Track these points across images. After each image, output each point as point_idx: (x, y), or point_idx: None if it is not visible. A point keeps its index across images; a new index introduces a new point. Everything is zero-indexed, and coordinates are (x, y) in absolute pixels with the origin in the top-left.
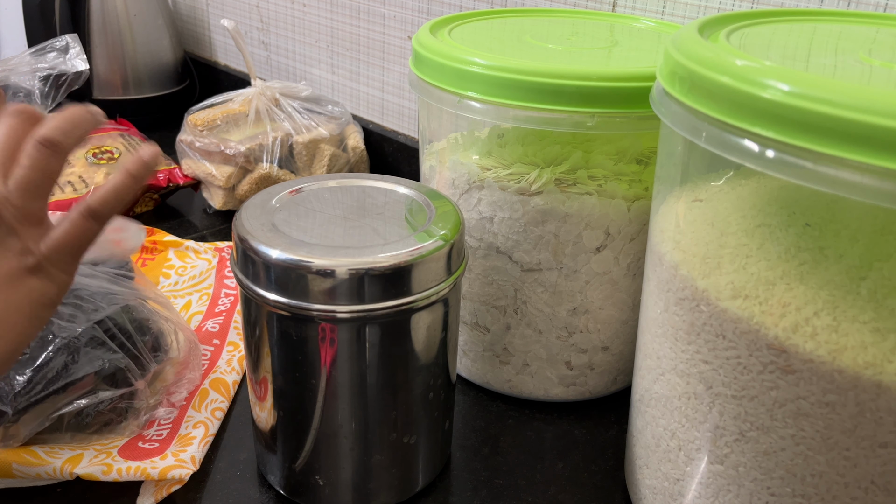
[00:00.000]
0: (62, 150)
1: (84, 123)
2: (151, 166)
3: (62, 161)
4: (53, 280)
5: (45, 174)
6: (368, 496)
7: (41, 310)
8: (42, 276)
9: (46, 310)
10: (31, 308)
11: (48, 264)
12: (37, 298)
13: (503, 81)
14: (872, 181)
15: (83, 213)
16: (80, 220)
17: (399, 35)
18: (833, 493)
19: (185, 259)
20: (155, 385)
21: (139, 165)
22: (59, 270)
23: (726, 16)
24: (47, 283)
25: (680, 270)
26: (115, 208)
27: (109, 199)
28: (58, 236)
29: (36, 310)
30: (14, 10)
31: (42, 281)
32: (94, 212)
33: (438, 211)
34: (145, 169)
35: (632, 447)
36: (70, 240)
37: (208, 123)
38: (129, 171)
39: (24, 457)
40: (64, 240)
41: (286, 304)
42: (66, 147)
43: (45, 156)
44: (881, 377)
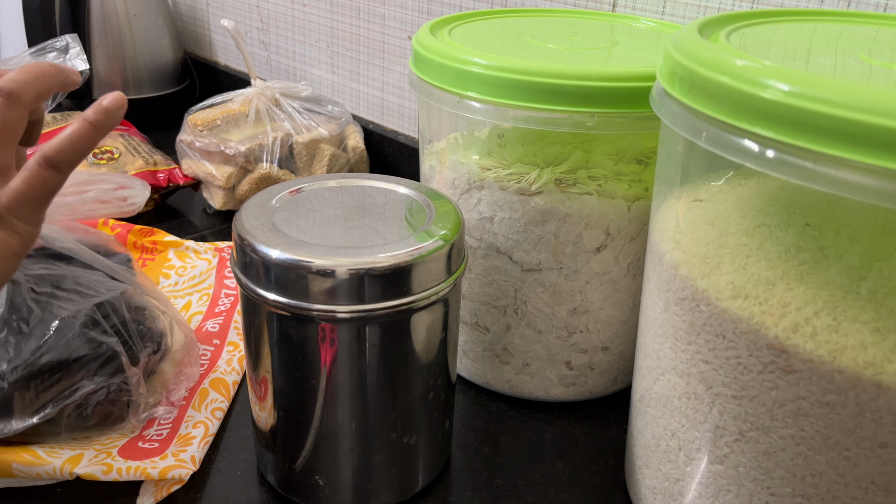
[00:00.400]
0: (19, 100)
1: (44, 76)
2: (113, 113)
3: (21, 111)
4: (16, 230)
5: (4, 124)
6: (368, 496)
7: (4, 262)
8: (4, 227)
9: (9, 261)
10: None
11: (9, 215)
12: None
13: (503, 81)
14: (872, 181)
15: (40, 162)
16: (38, 170)
17: (399, 35)
18: (833, 493)
19: (185, 259)
20: (154, 383)
21: (99, 112)
22: (22, 221)
23: (726, 16)
24: (10, 234)
25: (680, 270)
26: (74, 157)
27: (66, 148)
28: (16, 186)
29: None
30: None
31: (4, 232)
32: (50, 160)
33: (438, 211)
34: (105, 116)
35: (632, 447)
36: (29, 190)
37: (208, 123)
38: (87, 119)
39: (24, 456)
40: (23, 189)
41: (286, 304)
42: (24, 97)
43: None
44: (881, 377)
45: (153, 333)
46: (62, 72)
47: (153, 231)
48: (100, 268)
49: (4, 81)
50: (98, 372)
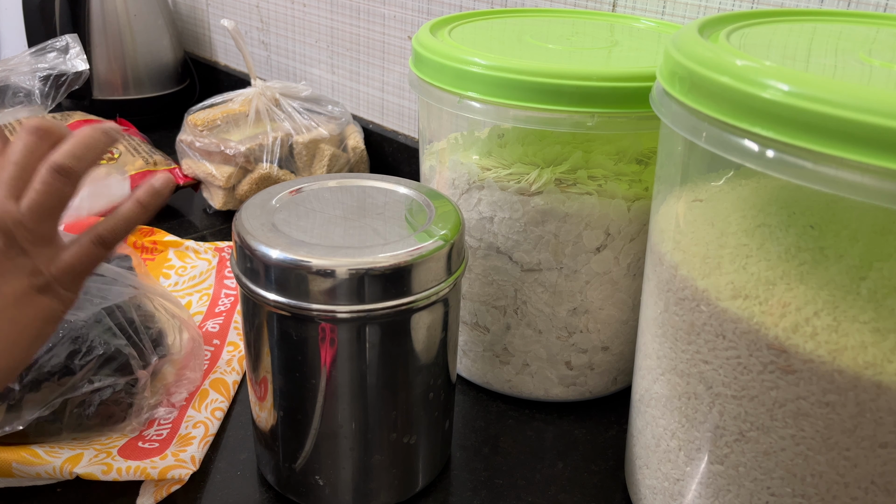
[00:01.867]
0: (76, 176)
1: (99, 146)
2: (162, 195)
3: (75, 186)
4: (61, 298)
5: (58, 199)
6: (368, 496)
7: (47, 326)
8: (50, 294)
9: (52, 326)
10: (38, 325)
11: (57, 284)
12: (44, 316)
13: (503, 81)
14: (872, 181)
15: (93, 240)
16: (89, 246)
17: (399, 35)
18: (833, 493)
19: (185, 259)
20: (155, 384)
21: (150, 195)
22: (67, 290)
23: (726, 16)
24: (55, 302)
25: (680, 270)
26: (124, 236)
27: (119, 228)
28: (68, 260)
29: (43, 326)
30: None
31: (50, 299)
32: (103, 239)
33: (438, 211)
34: (156, 198)
35: (632, 447)
36: (80, 264)
37: (208, 123)
38: (139, 201)
39: (24, 456)
40: (73, 263)
41: (286, 304)
42: (80, 172)
43: (58, 181)
44: (881, 377)
45: (160, 339)
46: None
47: (153, 231)
48: (107, 274)
49: (64, 158)
50: (104, 372)
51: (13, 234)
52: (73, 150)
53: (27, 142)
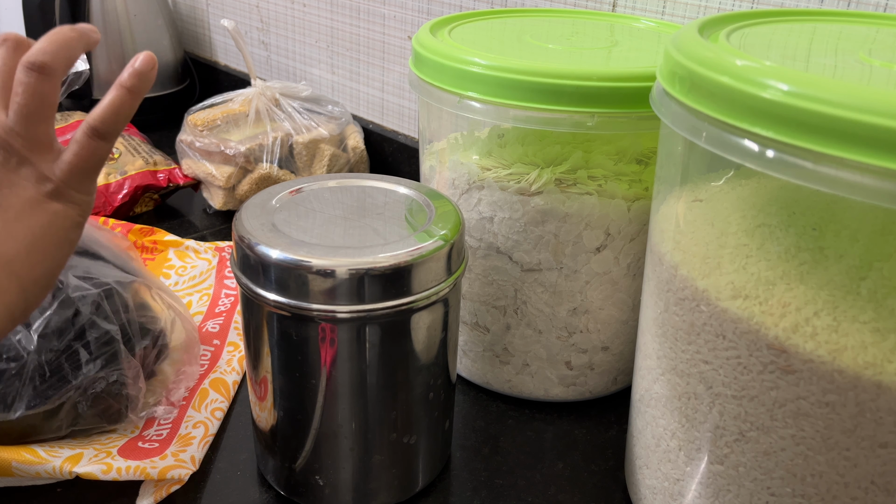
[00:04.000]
0: (52, 72)
1: (71, 41)
2: (147, 75)
3: (55, 82)
4: (75, 201)
5: (41, 98)
6: (368, 496)
7: (69, 231)
8: (63, 199)
9: (73, 231)
10: (58, 231)
11: (66, 187)
12: (62, 222)
13: (503, 81)
14: (872, 181)
15: (88, 133)
16: (86, 141)
17: (399, 35)
18: (833, 493)
19: (185, 259)
20: (154, 384)
21: (133, 76)
22: (78, 192)
23: (726, 16)
24: (69, 205)
25: (680, 270)
26: (118, 124)
27: (109, 116)
28: (69, 159)
29: (63, 232)
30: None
31: (64, 204)
32: (97, 130)
33: (438, 211)
34: (140, 80)
35: (632, 447)
36: (81, 161)
37: (208, 123)
38: (123, 85)
39: (23, 455)
40: (75, 161)
41: (286, 304)
42: (56, 67)
43: (36, 80)
44: (881, 377)
45: (152, 330)
46: (83, 34)
47: (153, 230)
48: (110, 258)
49: (36, 55)
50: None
51: (8, 143)
52: (44, 47)
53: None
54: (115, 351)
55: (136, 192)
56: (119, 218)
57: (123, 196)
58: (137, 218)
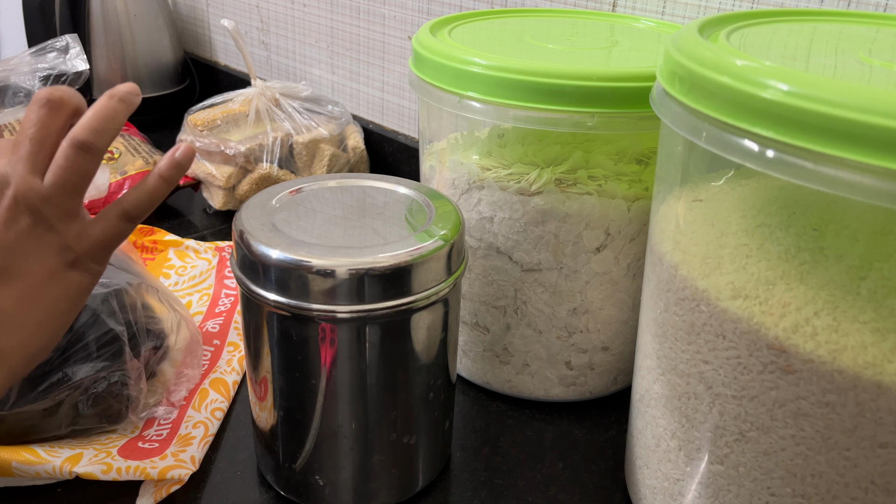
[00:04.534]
0: (98, 151)
1: (118, 117)
2: (183, 167)
3: (98, 160)
4: (89, 272)
5: (82, 174)
6: (368, 496)
7: (79, 300)
8: (79, 269)
9: (83, 299)
10: (70, 300)
11: (85, 258)
12: (75, 290)
13: (503, 81)
14: (872, 181)
15: (119, 216)
16: (116, 222)
17: (399, 35)
18: (833, 493)
19: (185, 259)
20: (154, 384)
21: (171, 167)
22: (96, 263)
23: (726, 16)
24: (84, 275)
25: (680, 270)
26: (149, 210)
27: (143, 202)
28: (97, 235)
29: (74, 301)
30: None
31: (80, 273)
32: (129, 214)
33: (438, 211)
34: (177, 170)
35: (632, 447)
36: (107, 240)
37: (208, 123)
38: (161, 175)
39: (23, 455)
40: (102, 239)
41: (286, 304)
42: (102, 146)
43: (82, 157)
44: (881, 377)
45: (157, 332)
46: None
47: (153, 230)
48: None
49: (85, 134)
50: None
51: (40, 211)
52: (93, 125)
53: (40, 116)
54: (118, 350)
55: None
56: None
57: None
58: None
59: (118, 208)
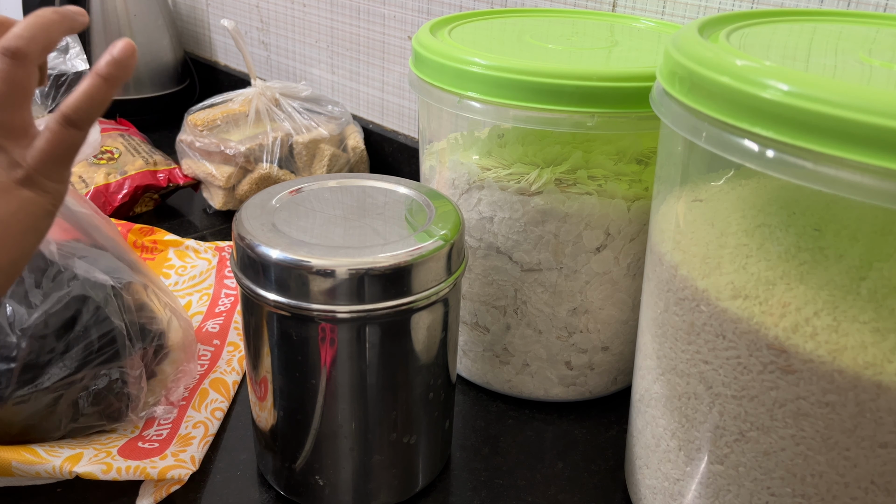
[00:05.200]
0: (26, 57)
1: (51, 24)
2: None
3: (29, 68)
4: (46, 189)
5: (14, 84)
6: (368, 496)
7: (38, 220)
8: (34, 187)
9: (43, 220)
10: (27, 218)
11: (37, 175)
12: (32, 209)
13: (503, 81)
14: (872, 181)
15: (60, 122)
16: (58, 129)
17: (399, 35)
18: (833, 493)
19: (185, 259)
20: (154, 385)
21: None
22: (50, 180)
23: (726, 16)
24: (40, 194)
25: (680, 270)
26: (92, 113)
27: (83, 105)
28: (40, 146)
29: (33, 220)
30: (14, 10)
31: (35, 192)
32: (69, 118)
33: (438, 211)
34: (117, 68)
35: (632, 447)
36: (53, 149)
37: (208, 123)
38: (99, 73)
39: (23, 455)
40: (47, 149)
41: (286, 304)
42: (31, 53)
43: (10, 66)
44: (881, 377)
45: (157, 331)
46: (66, 17)
47: (153, 230)
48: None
49: (9, 39)
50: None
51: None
52: (20, 32)
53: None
54: (119, 348)
55: (136, 192)
56: (119, 218)
57: (123, 196)
58: (137, 218)
59: (58, 114)
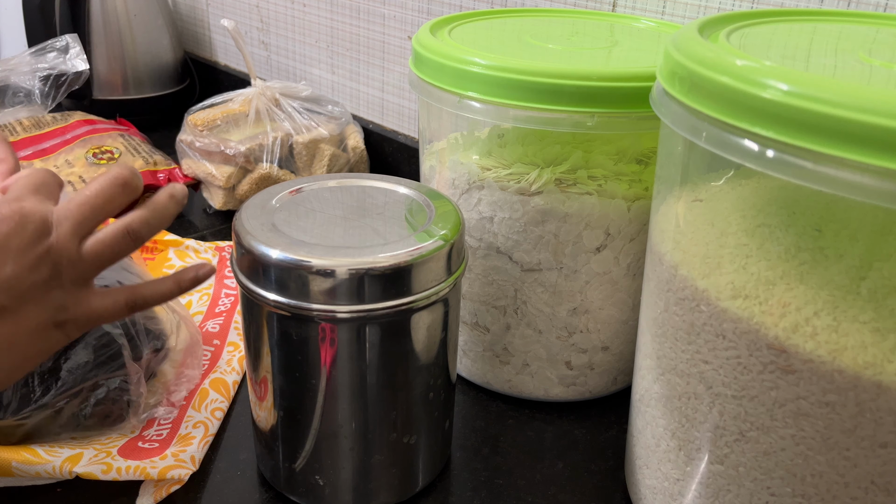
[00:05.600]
0: (141, 243)
1: (169, 216)
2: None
3: (135, 249)
4: (68, 335)
5: (118, 256)
6: (368, 496)
7: (46, 355)
8: (62, 330)
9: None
10: (41, 354)
11: (72, 324)
12: (50, 346)
13: (503, 81)
14: (872, 181)
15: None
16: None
17: (399, 35)
18: (833, 493)
19: (185, 259)
20: (154, 384)
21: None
22: (77, 329)
23: (726, 16)
24: (62, 336)
25: (680, 270)
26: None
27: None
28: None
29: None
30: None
31: (62, 334)
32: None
33: (438, 211)
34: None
35: (632, 447)
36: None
37: (208, 123)
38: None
39: (23, 455)
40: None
41: (286, 304)
42: (147, 239)
43: (127, 243)
44: (881, 377)
45: (157, 333)
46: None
47: None
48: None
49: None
50: (100, 364)
51: (62, 270)
52: (148, 218)
53: (112, 192)
54: (117, 355)
55: None
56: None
57: None
58: None
59: (131, 295)
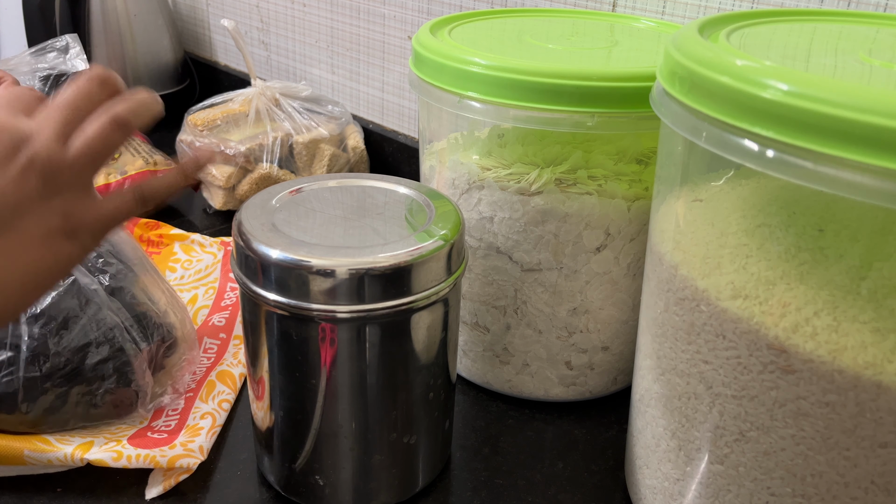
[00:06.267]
0: (130, 131)
1: (152, 111)
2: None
3: (125, 140)
4: (83, 245)
5: (110, 149)
6: (368, 496)
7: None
8: (75, 240)
9: (67, 269)
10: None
11: (85, 231)
12: (63, 260)
13: (503, 81)
14: (872, 181)
15: (136, 198)
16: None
17: (399, 35)
18: (833, 493)
19: (190, 253)
20: (161, 378)
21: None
22: (91, 238)
23: (726, 16)
24: (77, 247)
25: (680, 270)
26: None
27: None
28: (108, 210)
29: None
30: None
31: (73, 245)
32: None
33: (438, 211)
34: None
35: (632, 447)
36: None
37: (208, 123)
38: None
39: (35, 443)
40: (113, 214)
41: (286, 304)
42: (133, 129)
43: (116, 133)
44: (881, 377)
45: (164, 325)
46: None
47: (159, 224)
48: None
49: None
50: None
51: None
52: (133, 106)
53: (87, 88)
54: (125, 345)
55: None
56: None
57: None
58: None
59: (137, 189)
